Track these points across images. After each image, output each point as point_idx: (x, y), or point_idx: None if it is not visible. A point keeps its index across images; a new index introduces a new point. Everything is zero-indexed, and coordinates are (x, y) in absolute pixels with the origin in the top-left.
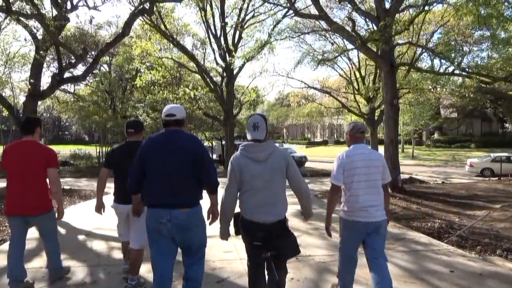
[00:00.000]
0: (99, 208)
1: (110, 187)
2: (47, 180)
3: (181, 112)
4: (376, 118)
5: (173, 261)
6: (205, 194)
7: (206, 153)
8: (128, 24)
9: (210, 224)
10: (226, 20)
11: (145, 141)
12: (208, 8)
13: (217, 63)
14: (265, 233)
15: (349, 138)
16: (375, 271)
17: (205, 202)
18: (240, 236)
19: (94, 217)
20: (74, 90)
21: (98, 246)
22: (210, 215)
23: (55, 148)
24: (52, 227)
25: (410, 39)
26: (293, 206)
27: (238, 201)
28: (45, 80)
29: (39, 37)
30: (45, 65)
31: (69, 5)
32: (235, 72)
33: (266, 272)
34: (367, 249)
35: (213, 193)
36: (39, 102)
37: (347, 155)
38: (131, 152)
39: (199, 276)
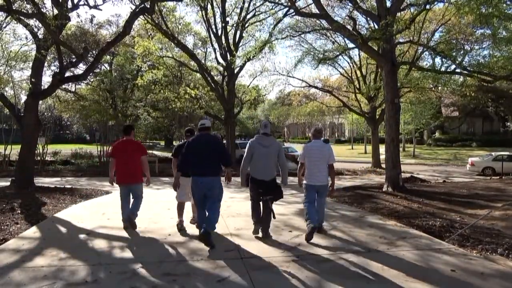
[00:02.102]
0: (176, 185)
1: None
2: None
3: (209, 123)
4: (377, 117)
5: (206, 207)
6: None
7: (223, 145)
8: (129, 23)
9: (227, 182)
10: (227, 19)
11: (191, 139)
12: (209, 7)
13: (218, 62)
14: (265, 185)
15: (311, 136)
16: (317, 208)
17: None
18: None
19: (95, 216)
20: (75, 89)
21: (99, 245)
22: (226, 178)
23: (56, 147)
24: (141, 192)
25: (411, 38)
26: (295, 206)
27: (249, 166)
28: (46, 79)
29: (40, 36)
30: (46, 64)
31: (70, 4)
32: (236, 71)
33: (261, 207)
34: (316, 199)
35: (227, 166)
36: (40, 101)
37: (308, 146)
38: None
39: (213, 218)
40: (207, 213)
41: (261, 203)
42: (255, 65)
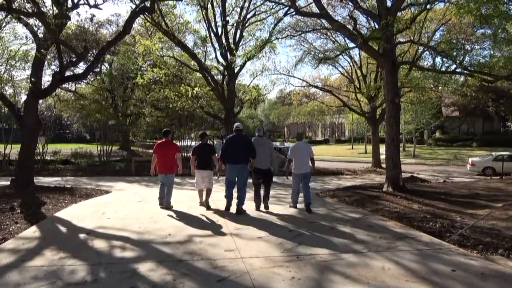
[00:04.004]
0: (194, 173)
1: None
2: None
3: (241, 126)
4: (377, 116)
5: (234, 188)
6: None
7: (251, 143)
8: (129, 22)
9: (250, 169)
10: (227, 18)
11: (228, 137)
12: (209, 6)
13: (218, 62)
14: (263, 172)
15: (296, 138)
16: (304, 192)
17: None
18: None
19: (95, 216)
20: (75, 89)
21: (99, 244)
22: (249, 167)
23: (56, 146)
24: (173, 180)
25: (412, 38)
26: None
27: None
28: (46, 79)
29: (40, 35)
30: (46, 63)
31: (70, 3)
32: (236, 70)
33: (261, 189)
34: (301, 185)
35: (253, 158)
36: (40, 101)
37: (294, 145)
38: (203, 147)
39: (242, 197)
40: (236, 194)
41: (261, 186)
42: (255, 64)
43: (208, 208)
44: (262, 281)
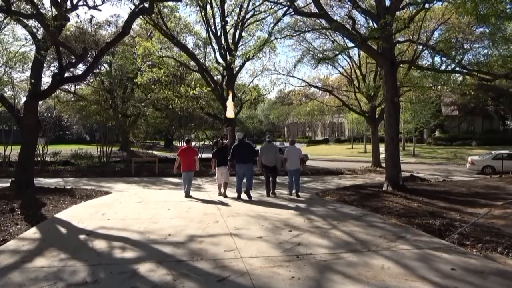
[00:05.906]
0: (214, 171)
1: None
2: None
3: (242, 135)
4: (377, 116)
5: (242, 181)
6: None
7: (253, 147)
8: (128, 23)
9: (258, 169)
10: (227, 19)
11: (234, 145)
12: (208, 7)
13: (218, 62)
14: (270, 168)
15: (289, 143)
16: (294, 183)
17: None
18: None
19: (95, 217)
20: (75, 90)
21: (99, 245)
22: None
23: (55, 147)
24: (192, 176)
25: (411, 37)
26: (295, 205)
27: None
28: (46, 80)
29: (39, 36)
30: (45, 64)
31: (69, 5)
32: (235, 71)
33: (270, 182)
34: (294, 177)
35: (256, 158)
36: (40, 102)
37: (288, 149)
38: (221, 150)
39: (250, 185)
40: (245, 184)
41: (270, 179)
42: (255, 64)
43: (225, 196)
44: (262, 281)
